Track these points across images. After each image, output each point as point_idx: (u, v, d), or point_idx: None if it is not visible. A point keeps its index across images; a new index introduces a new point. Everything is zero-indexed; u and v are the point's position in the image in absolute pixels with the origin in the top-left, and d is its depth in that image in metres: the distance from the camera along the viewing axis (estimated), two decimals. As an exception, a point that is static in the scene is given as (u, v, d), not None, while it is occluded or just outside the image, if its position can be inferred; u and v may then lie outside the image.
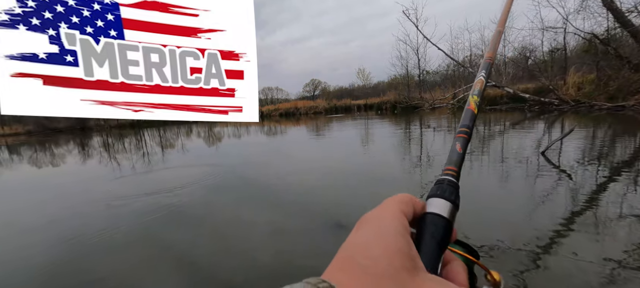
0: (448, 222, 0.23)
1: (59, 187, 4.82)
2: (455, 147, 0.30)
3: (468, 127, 0.32)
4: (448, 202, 0.24)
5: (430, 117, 12.39)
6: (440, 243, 0.22)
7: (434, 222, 0.23)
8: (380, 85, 30.05)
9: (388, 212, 0.21)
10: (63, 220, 2.90)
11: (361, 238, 0.19)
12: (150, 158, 6.77)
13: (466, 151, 0.30)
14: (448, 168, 0.28)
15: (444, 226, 0.22)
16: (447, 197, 0.24)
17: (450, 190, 0.25)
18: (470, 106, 0.34)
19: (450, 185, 0.26)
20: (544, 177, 2.97)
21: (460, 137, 0.31)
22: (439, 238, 0.22)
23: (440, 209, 0.23)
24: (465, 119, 0.33)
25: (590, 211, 2.14)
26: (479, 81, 0.38)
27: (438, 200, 0.24)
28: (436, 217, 0.23)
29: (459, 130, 0.32)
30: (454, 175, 0.27)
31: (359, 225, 0.21)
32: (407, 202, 0.23)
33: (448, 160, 0.29)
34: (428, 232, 0.22)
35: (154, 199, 3.32)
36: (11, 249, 2.27)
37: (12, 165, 7.96)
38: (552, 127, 6.78)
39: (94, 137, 15.53)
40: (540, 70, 12.97)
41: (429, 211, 0.23)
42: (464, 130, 0.32)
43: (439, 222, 0.23)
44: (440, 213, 0.23)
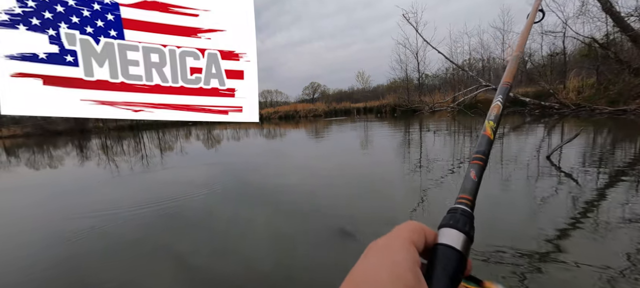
0: (461, 255, 0.21)
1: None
2: (470, 174, 0.28)
3: (484, 154, 0.30)
4: (461, 233, 0.22)
5: (430, 120, 12.41)
6: (453, 277, 0.21)
7: (446, 255, 0.21)
8: (380, 89, 30.14)
9: (398, 242, 0.20)
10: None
11: (369, 268, 0.19)
12: (148, 160, 6.77)
13: (481, 179, 0.28)
14: (462, 197, 0.26)
15: (457, 259, 0.21)
16: (460, 228, 0.23)
17: (464, 220, 0.24)
18: (487, 132, 0.32)
19: (464, 214, 0.24)
20: (551, 182, 2.95)
21: (475, 164, 0.29)
22: (451, 272, 0.21)
23: (453, 241, 0.22)
24: (481, 145, 0.31)
25: (601, 216, 2.12)
26: (495, 106, 0.36)
27: (451, 231, 0.23)
28: (449, 249, 0.22)
29: (474, 156, 0.30)
30: (468, 205, 0.25)
31: (367, 252, 0.20)
32: (419, 231, 0.22)
33: (462, 188, 0.27)
34: (440, 265, 0.21)
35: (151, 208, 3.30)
36: None
37: (8, 167, 7.96)
38: (552, 131, 6.78)
39: (92, 139, 15.53)
40: (540, 74, 13.01)
41: (441, 242, 0.22)
42: (479, 157, 0.29)
43: (452, 255, 0.21)
44: (453, 245, 0.22)
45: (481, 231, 1.98)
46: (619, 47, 10.26)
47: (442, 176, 3.46)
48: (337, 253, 1.80)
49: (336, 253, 1.79)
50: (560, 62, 14.46)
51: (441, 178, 3.36)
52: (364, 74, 35.90)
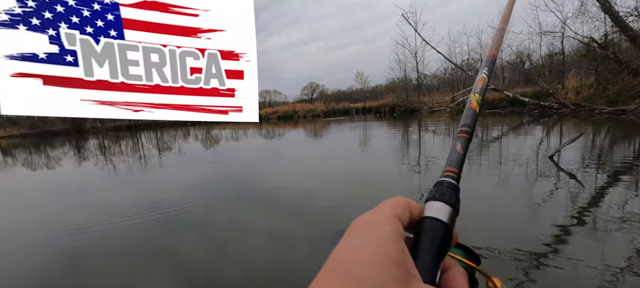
0: (447, 227, 0.22)
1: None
2: (456, 147, 0.28)
3: (469, 127, 0.30)
4: (447, 205, 0.23)
5: (429, 120, 12.43)
6: (439, 249, 0.21)
7: (432, 227, 0.21)
8: (379, 89, 30.16)
9: (381, 216, 0.20)
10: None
11: (351, 245, 0.18)
12: (147, 161, 6.76)
13: (467, 152, 0.29)
14: (448, 170, 0.26)
15: (443, 231, 0.21)
16: (446, 200, 0.23)
17: (450, 192, 0.24)
18: (472, 105, 0.33)
19: (450, 187, 0.24)
20: (553, 182, 2.95)
21: (461, 137, 0.29)
22: (437, 244, 0.21)
23: (439, 213, 0.22)
24: (467, 117, 0.31)
25: (602, 215, 2.13)
26: (481, 78, 0.36)
27: (437, 204, 0.23)
28: (435, 221, 0.22)
29: (460, 129, 0.30)
30: (454, 177, 0.26)
31: (350, 230, 0.20)
32: (404, 205, 0.22)
33: (448, 162, 0.27)
34: (426, 238, 0.21)
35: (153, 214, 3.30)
36: None
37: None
38: (551, 131, 6.80)
39: (90, 140, 15.49)
40: (539, 74, 13.04)
41: (427, 215, 0.22)
42: (465, 130, 0.30)
43: (438, 227, 0.21)
44: (439, 217, 0.22)
45: (485, 231, 1.98)
46: (618, 47, 10.30)
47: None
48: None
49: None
50: (558, 62, 14.51)
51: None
52: (363, 74, 35.94)
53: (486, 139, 6.24)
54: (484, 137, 6.62)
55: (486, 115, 12.72)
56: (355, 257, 0.17)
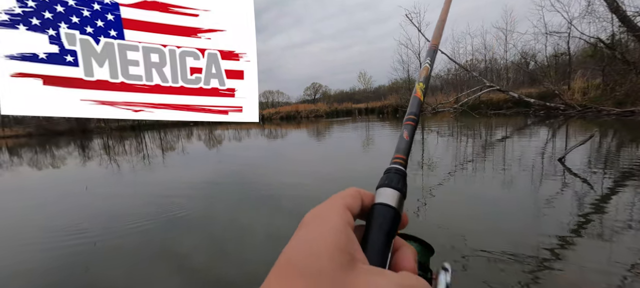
0: (395, 210, 0.23)
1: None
2: (403, 135, 0.30)
3: (415, 115, 0.32)
4: (395, 190, 0.24)
5: (433, 121, 12.35)
6: (388, 233, 0.22)
7: (381, 213, 0.23)
8: (381, 89, 30.06)
9: (328, 208, 0.21)
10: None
11: (300, 239, 0.19)
12: (150, 161, 6.81)
13: (413, 138, 0.31)
14: (396, 157, 0.28)
15: (392, 215, 0.23)
16: (394, 185, 0.24)
17: (397, 178, 0.25)
18: (417, 93, 0.35)
19: (398, 173, 0.26)
20: (564, 185, 2.90)
21: (407, 125, 0.31)
22: (386, 228, 0.22)
23: (388, 199, 0.23)
24: (412, 106, 0.33)
25: (610, 218, 2.09)
26: (424, 68, 0.38)
27: (386, 190, 0.24)
28: (383, 207, 0.23)
29: (407, 118, 0.32)
30: (401, 163, 0.27)
31: (301, 224, 0.21)
32: (354, 195, 0.23)
33: (396, 149, 0.29)
34: (376, 223, 0.22)
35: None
36: None
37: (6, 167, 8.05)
38: (557, 133, 6.71)
39: (94, 139, 15.67)
40: (545, 74, 12.88)
41: (377, 202, 0.23)
42: (411, 118, 0.32)
43: (387, 212, 0.23)
44: (387, 202, 0.23)
45: (491, 234, 1.96)
46: (626, 48, 10.14)
47: (444, 178, 3.44)
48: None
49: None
50: (564, 63, 14.32)
51: (445, 178, 3.34)
52: (366, 74, 35.87)
53: (489, 140, 6.18)
54: (488, 138, 6.55)
55: (491, 115, 12.60)
56: (303, 250, 0.17)
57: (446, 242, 1.84)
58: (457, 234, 1.92)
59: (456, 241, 1.83)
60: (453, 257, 1.67)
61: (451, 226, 2.09)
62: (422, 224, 2.20)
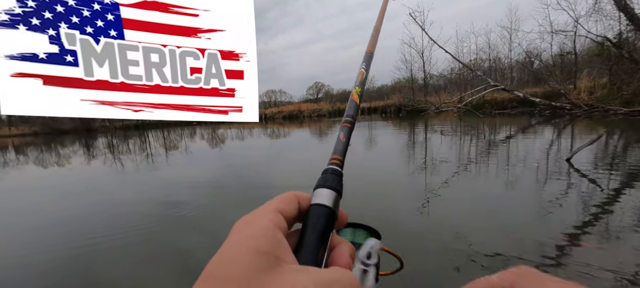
0: (330, 210, 0.23)
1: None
2: (340, 136, 0.31)
3: (352, 117, 0.34)
4: (331, 190, 0.25)
5: (436, 120, 12.27)
6: (323, 232, 0.22)
7: (316, 213, 0.23)
8: (384, 89, 29.92)
9: (257, 214, 0.21)
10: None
11: (224, 248, 0.19)
12: (153, 159, 6.86)
13: (350, 139, 0.31)
14: (333, 158, 0.29)
15: (326, 214, 0.23)
16: (329, 185, 0.25)
17: (333, 178, 0.26)
18: (353, 97, 0.36)
19: (334, 173, 0.27)
20: (572, 186, 2.86)
21: (344, 127, 0.33)
22: (320, 227, 0.22)
23: (323, 199, 0.24)
24: (350, 109, 0.35)
25: (618, 219, 2.06)
26: (360, 73, 0.41)
27: (321, 190, 0.25)
28: (318, 207, 0.23)
29: (344, 120, 0.34)
30: (338, 164, 0.28)
31: (230, 232, 0.21)
32: (289, 199, 0.23)
33: (334, 150, 0.30)
34: (310, 223, 0.23)
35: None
36: None
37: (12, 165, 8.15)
38: (562, 132, 6.63)
39: (99, 138, 15.82)
40: (551, 74, 12.72)
41: (313, 203, 0.24)
42: (348, 120, 0.33)
43: (321, 212, 0.23)
44: (322, 202, 0.24)
45: (499, 234, 1.94)
46: (633, 46, 9.97)
47: (447, 178, 3.41)
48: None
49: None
50: (570, 62, 14.13)
51: (449, 178, 3.31)
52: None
53: (495, 139, 6.12)
54: (493, 137, 6.50)
55: (495, 115, 12.49)
56: (222, 258, 0.18)
57: (452, 241, 1.82)
58: (463, 233, 1.91)
59: (461, 241, 1.81)
60: (460, 257, 1.66)
61: (457, 226, 2.08)
62: (425, 223, 2.19)
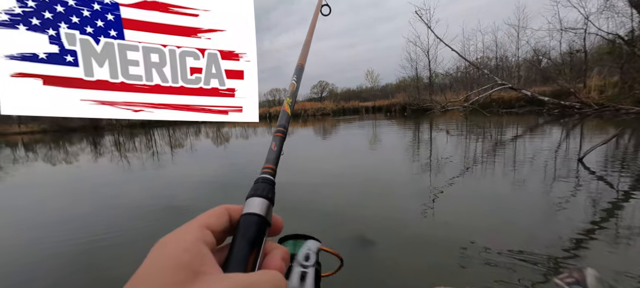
0: (261, 218, 0.24)
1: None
2: (271, 146, 0.32)
3: (284, 127, 0.35)
4: (262, 198, 0.25)
5: (441, 119, 12.14)
6: (253, 240, 0.22)
7: (246, 223, 0.23)
8: (389, 87, 29.72)
9: (179, 231, 0.21)
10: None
11: (141, 268, 0.19)
12: (159, 158, 6.94)
13: (282, 149, 0.32)
14: (265, 166, 0.30)
15: (257, 223, 0.23)
16: (260, 194, 0.25)
17: (264, 187, 0.26)
18: (285, 108, 0.37)
19: (265, 182, 0.27)
20: (585, 185, 2.80)
21: (276, 136, 0.34)
22: (250, 236, 0.22)
23: (254, 208, 0.24)
24: (281, 119, 0.36)
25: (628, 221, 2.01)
26: (291, 85, 0.43)
27: (252, 200, 0.25)
28: (249, 216, 0.24)
29: (276, 129, 0.35)
30: (270, 173, 0.29)
31: (148, 254, 0.21)
32: (218, 213, 0.23)
33: (266, 159, 0.31)
34: (239, 233, 0.23)
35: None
36: None
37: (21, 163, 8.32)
38: (571, 132, 6.49)
39: (106, 136, 16.07)
40: (560, 72, 12.46)
41: (244, 213, 0.24)
42: (280, 130, 0.34)
43: (251, 220, 0.23)
44: (253, 211, 0.24)
45: (505, 230, 1.91)
46: (646, 44, 9.71)
47: (452, 178, 3.37)
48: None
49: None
50: (579, 60, 13.82)
51: (454, 178, 3.27)
52: (373, 72, 35.52)
53: (503, 139, 6.03)
54: (500, 137, 6.40)
55: (502, 114, 12.30)
56: (140, 278, 0.17)
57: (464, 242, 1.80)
58: (477, 234, 1.88)
59: (474, 242, 1.79)
60: (471, 258, 1.64)
61: (468, 226, 2.05)
62: (430, 222, 2.17)
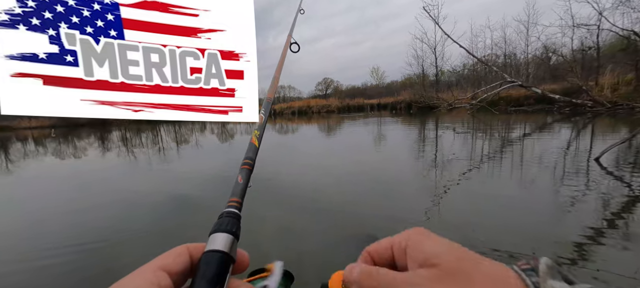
0: (224, 254, 0.22)
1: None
2: (237, 178, 0.31)
3: (251, 159, 0.35)
4: (226, 233, 0.24)
5: (448, 117, 11.98)
6: (215, 279, 0.21)
7: (206, 261, 0.22)
8: (394, 85, 29.44)
9: (131, 277, 0.20)
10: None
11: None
12: (165, 153, 7.02)
13: (249, 181, 0.32)
14: (231, 200, 0.28)
15: (219, 260, 0.22)
16: (223, 229, 0.24)
17: (228, 221, 0.25)
18: (252, 140, 0.38)
19: (230, 215, 0.26)
20: (600, 186, 2.73)
21: (243, 169, 0.33)
22: (210, 274, 0.21)
23: (216, 244, 0.23)
24: (249, 151, 0.36)
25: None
26: (259, 117, 0.44)
27: (216, 235, 0.24)
28: (211, 254, 0.22)
29: (243, 162, 0.34)
30: (236, 206, 0.28)
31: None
32: (177, 254, 0.22)
33: (232, 192, 0.29)
34: (200, 273, 0.21)
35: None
36: None
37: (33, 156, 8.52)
38: (585, 131, 6.33)
39: (113, 131, 16.33)
40: (573, 70, 12.13)
41: (206, 250, 0.23)
42: (247, 162, 0.34)
43: (213, 258, 0.22)
44: (214, 248, 0.23)
45: (519, 230, 1.88)
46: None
47: (459, 177, 3.33)
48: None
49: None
50: (590, 57, 13.42)
51: (461, 177, 3.23)
52: (378, 69, 35.19)
53: (515, 137, 5.92)
54: (510, 135, 6.28)
55: (511, 112, 12.07)
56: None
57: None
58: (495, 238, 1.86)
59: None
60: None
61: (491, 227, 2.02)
62: (437, 223, 2.14)
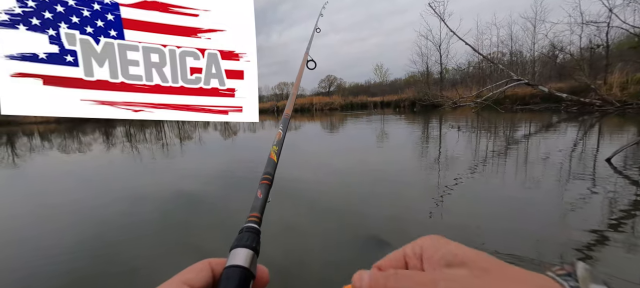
0: (244, 269, 0.23)
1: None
2: (257, 194, 0.32)
3: (270, 175, 0.35)
4: (246, 249, 0.24)
5: (453, 116, 11.87)
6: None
7: (227, 276, 0.23)
8: (398, 83, 29.23)
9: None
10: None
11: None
12: (169, 149, 7.07)
13: (268, 196, 0.32)
14: (251, 216, 0.29)
15: (240, 276, 0.23)
16: (244, 244, 0.25)
17: (248, 236, 0.26)
18: (271, 156, 0.38)
19: (250, 231, 0.27)
20: (610, 187, 2.69)
21: (263, 184, 0.33)
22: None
23: (237, 259, 0.24)
24: (268, 166, 0.36)
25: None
26: (277, 133, 0.44)
27: (237, 251, 0.24)
28: (232, 269, 0.23)
29: (262, 177, 0.34)
30: (256, 222, 0.28)
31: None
32: (199, 269, 0.23)
33: (251, 207, 0.30)
34: (221, 287, 0.22)
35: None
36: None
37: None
38: (593, 130, 6.23)
39: (117, 127, 16.49)
40: (581, 68, 11.90)
41: (227, 265, 0.23)
42: (266, 177, 0.34)
43: (234, 273, 0.23)
44: (237, 263, 0.23)
45: (526, 232, 1.87)
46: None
47: (460, 176, 3.30)
48: (367, 254, 1.78)
49: (367, 255, 1.77)
50: (599, 56, 13.14)
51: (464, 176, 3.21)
52: (382, 67, 34.93)
53: (523, 136, 5.85)
54: (514, 134, 6.21)
55: (517, 111, 11.92)
56: None
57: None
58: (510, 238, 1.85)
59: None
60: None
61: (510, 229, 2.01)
62: (443, 223, 2.14)
